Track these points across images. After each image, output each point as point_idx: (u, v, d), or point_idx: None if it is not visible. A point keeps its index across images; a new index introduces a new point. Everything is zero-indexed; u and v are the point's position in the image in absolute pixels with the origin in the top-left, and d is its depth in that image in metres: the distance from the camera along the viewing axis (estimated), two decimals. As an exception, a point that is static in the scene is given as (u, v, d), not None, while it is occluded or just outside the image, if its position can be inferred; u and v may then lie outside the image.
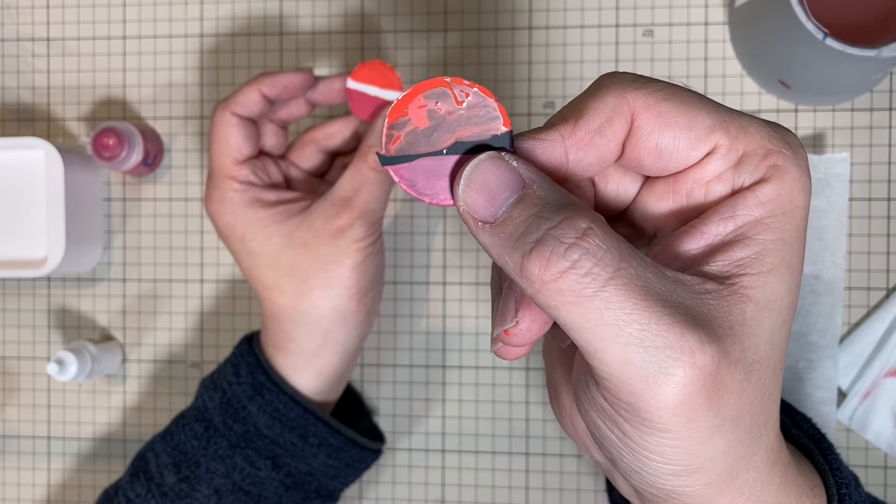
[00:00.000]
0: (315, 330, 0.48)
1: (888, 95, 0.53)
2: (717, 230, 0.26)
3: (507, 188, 0.25)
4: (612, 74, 0.27)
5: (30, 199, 0.55)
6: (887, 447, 0.52)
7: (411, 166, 0.26)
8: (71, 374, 0.54)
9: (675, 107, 0.26)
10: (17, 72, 0.60)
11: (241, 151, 0.48)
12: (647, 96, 0.26)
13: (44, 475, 0.60)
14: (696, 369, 0.23)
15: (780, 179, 0.26)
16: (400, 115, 0.25)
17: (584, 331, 0.23)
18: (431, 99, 0.25)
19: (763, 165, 0.26)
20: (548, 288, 0.23)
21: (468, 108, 0.25)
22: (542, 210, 0.24)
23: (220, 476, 0.48)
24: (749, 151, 0.26)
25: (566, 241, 0.23)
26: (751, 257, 0.25)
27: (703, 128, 0.26)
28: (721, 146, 0.26)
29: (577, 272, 0.23)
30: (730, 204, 0.26)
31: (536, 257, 0.23)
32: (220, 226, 0.49)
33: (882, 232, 0.53)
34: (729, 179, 0.26)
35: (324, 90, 0.50)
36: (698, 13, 0.54)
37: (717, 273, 0.25)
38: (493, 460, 0.56)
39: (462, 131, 0.26)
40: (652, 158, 0.27)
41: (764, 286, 0.25)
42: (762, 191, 0.26)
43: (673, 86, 0.27)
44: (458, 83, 0.25)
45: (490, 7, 0.56)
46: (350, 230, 0.47)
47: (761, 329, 0.25)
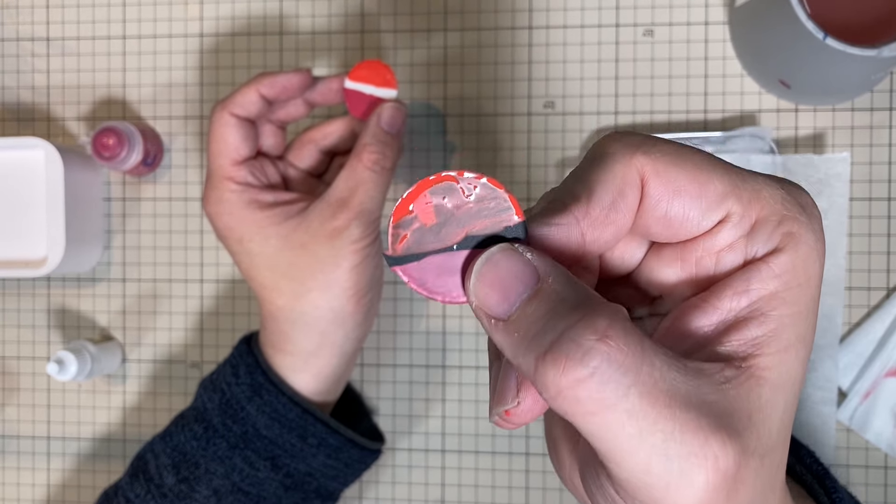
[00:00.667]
0: (313, 331, 0.48)
1: (888, 95, 0.52)
2: (730, 305, 0.25)
3: (521, 283, 0.23)
4: (616, 137, 0.26)
5: (30, 198, 0.55)
6: (887, 447, 0.52)
7: (420, 265, 0.24)
8: (71, 374, 0.54)
9: (685, 173, 0.25)
10: (16, 71, 0.60)
11: (238, 152, 0.48)
12: (655, 162, 0.25)
13: (43, 475, 0.60)
14: (719, 473, 0.22)
15: (794, 249, 0.25)
16: (405, 213, 0.24)
17: (604, 440, 0.22)
18: (438, 194, 0.24)
19: (777, 233, 0.25)
20: (564, 396, 0.22)
21: (477, 202, 0.24)
22: (558, 306, 0.23)
23: (220, 477, 0.48)
24: (762, 218, 0.25)
25: (584, 344, 0.22)
26: (767, 335, 0.24)
27: (715, 195, 0.25)
28: (733, 214, 0.25)
29: (596, 379, 0.21)
30: (743, 277, 0.25)
31: (552, 362, 0.22)
32: (219, 227, 0.49)
33: (882, 232, 0.53)
34: (741, 249, 0.25)
35: (322, 90, 0.50)
36: (698, 13, 0.54)
37: (732, 354, 0.24)
38: (493, 460, 0.56)
39: (472, 225, 0.24)
40: (661, 227, 0.25)
41: (780, 366, 0.24)
42: (777, 262, 0.24)
43: (681, 147, 0.25)
44: (465, 174, 0.24)
45: (490, 6, 0.56)
46: (346, 231, 0.47)
47: (776, 411, 0.24)
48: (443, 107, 0.56)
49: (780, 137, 0.53)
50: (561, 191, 0.25)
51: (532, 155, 0.55)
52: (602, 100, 0.55)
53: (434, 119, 0.56)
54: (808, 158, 0.52)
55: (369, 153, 0.47)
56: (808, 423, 0.53)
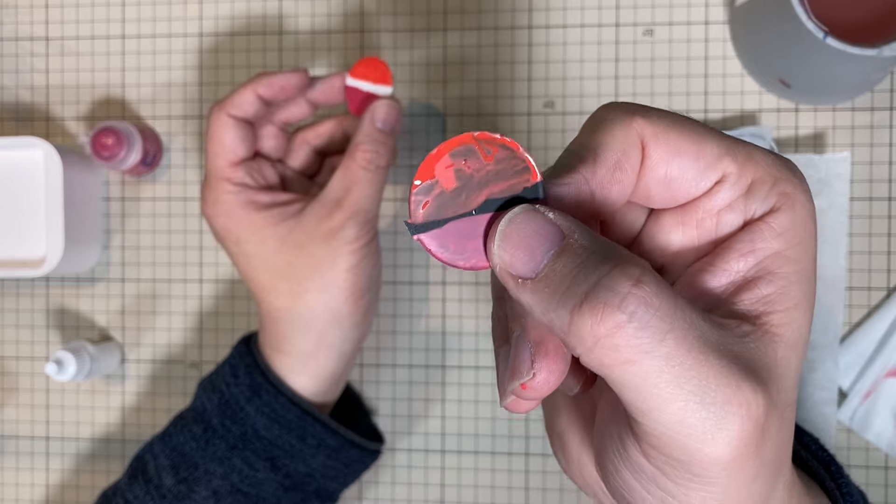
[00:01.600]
0: (311, 332, 0.48)
1: (889, 95, 0.52)
2: (737, 266, 0.25)
3: (547, 240, 0.23)
4: (612, 106, 0.26)
5: (28, 198, 0.55)
6: (888, 447, 0.52)
7: (441, 231, 0.24)
8: (70, 375, 0.54)
9: (682, 135, 0.25)
10: (15, 71, 0.60)
11: (236, 153, 0.48)
12: (653, 125, 0.25)
13: (42, 475, 0.60)
14: (751, 421, 0.22)
15: (791, 208, 0.25)
16: (427, 176, 0.24)
17: (639, 390, 0.22)
18: (458, 157, 0.24)
19: (773, 193, 0.25)
20: (602, 345, 0.22)
21: (496, 163, 0.24)
22: (588, 260, 0.23)
23: (219, 477, 0.48)
24: (757, 179, 0.25)
25: (620, 291, 0.22)
26: (777, 293, 0.25)
27: (711, 156, 0.25)
28: (730, 174, 0.25)
29: (634, 325, 0.22)
30: (747, 238, 0.25)
31: (589, 311, 0.22)
32: (216, 228, 0.49)
33: (883, 231, 0.52)
34: (740, 209, 0.26)
35: (324, 89, 0.50)
36: (699, 12, 0.54)
37: (746, 312, 0.25)
38: (493, 460, 0.56)
39: (492, 187, 0.24)
40: (660, 189, 0.26)
41: (791, 323, 0.25)
42: (776, 221, 0.25)
43: (675, 114, 0.26)
44: (484, 138, 0.24)
45: (490, 6, 0.56)
46: (342, 231, 0.46)
47: (790, 368, 0.24)
48: (443, 107, 0.56)
49: (780, 137, 0.53)
50: (567, 155, 0.26)
51: (532, 155, 0.55)
52: (602, 99, 0.54)
53: (434, 119, 0.56)
54: (808, 158, 0.52)
55: (363, 152, 0.47)
56: (809, 423, 0.52)
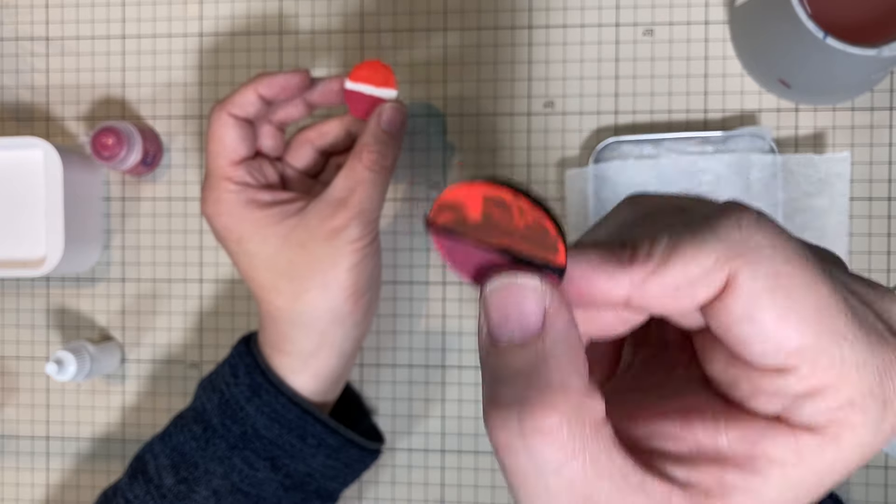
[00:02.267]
0: (311, 331, 0.48)
1: (888, 95, 0.52)
2: (731, 444, 0.22)
3: (522, 325, 0.22)
4: (736, 218, 0.22)
5: (29, 198, 0.55)
6: (888, 447, 0.52)
7: (454, 242, 0.24)
8: (70, 374, 0.54)
9: (774, 307, 0.21)
10: (16, 71, 0.60)
11: (237, 152, 0.48)
12: (752, 277, 0.21)
13: (43, 475, 0.60)
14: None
15: (836, 440, 0.21)
16: (455, 199, 0.23)
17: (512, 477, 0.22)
18: (490, 203, 0.23)
19: (832, 414, 0.21)
20: (493, 442, 0.22)
21: (526, 229, 0.23)
22: (533, 373, 0.21)
23: (219, 477, 0.48)
24: (825, 388, 0.21)
25: (525, 425, 0.21)
26: (744, 489, 0.22)
27: (791, 347, 0.21)
28: (798, 371, 0.21)
29: (522, 457, 0.21)
30: (761, 428, 0.22)
31: (495, 416, 0.22)
32: (217, 227, 0.48)
33: (883, 231, 0.52)
34: (783, 403, 0.22)
35: (322, 91, 0.50)
36: (698, 12, 0.54)
37: (696, 483, 0.22)
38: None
39: (514, 242, 0.23)
40: (716, 330, 0.22)
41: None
42: (805, 443, 0.21)
43: (792, 270, 0.21)
44: (523, 203, 0.22)
45: (490, 6, 0.56)
46: (345, 231, 0.46)
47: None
48: (443, 107, 0.56)
49: (780, 137, 0.53)
50: (634, 230, 0.23)
51: (532, 155, 0.55)
52: (602, 99, 0.55)
53: (434, 119, 0.56)
54: (808, 158, 0.52)
55: (369, 153, 0.47)
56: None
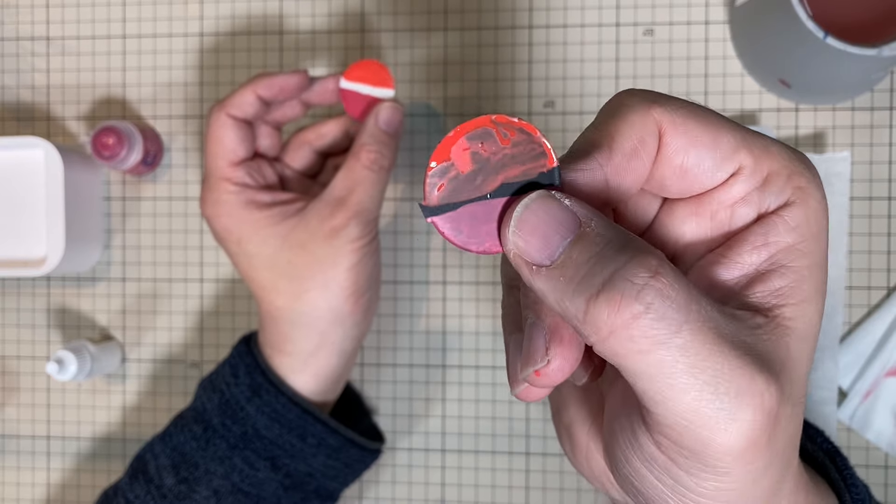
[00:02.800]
0: (312, 331, 0.48)
1: (889, 94, 0.52)
2: (750, 259, 0.25)
3: (563, 227, 0.23)
4: (630, 92, 0.26)
5: (29, 198, 0.55)
6: (888, 447, 0.52)
7: (455, 215, 0.24)
8: (70, 374, 0.54)
9: (700, 125, 0.25)
10: (16, 71, 0.60)
11: (236, 153, 0.48)
12: (672, 114, 0.25)
13: (43, 475, 0.60)
14: (764, 412, 0.23)
15: (805, 202, 0.25)
16: (443, 158, 0.24)
17: (653, 380, 0.22)
18: (475, 140, 0.24)
19: (788, 187, 0.25)
20: (617, 335, 0.22)
21: (513, 147, 0.24)
22: (605, 249, 0.23)
23: (219, 477, 0.48)
24: (773, 172, 0.25)
25: (638, 282, 0.22)
26: (789, 286, 0.25)
27: (728, 147, 0.25)
28: (746, 166, 0.25)
29: (651, 316, 0.22)
30: (760, 231, 0.25)
31: (605, 301, 0.22)
32: (217, 229, 0.49)
33: (883, 231, 0.52)
34: (755, 202, 0.26)
35: (318, 91, 0.50)
36: (699, 12, 0.54)
37: (759, 305, 0.25)
38: (493, 460, 0.56)
39: (507, 171, 0.24)
40: (676, 179, 0.26)
41: (803, 316, 0.25)
42: (790, 215, 0.25)
43: (693, 104, 0.26)
44: (502, 121, 0.24)
45: (490, 6, 0.56)
46: (345, 230, 0.47)
47: (802, 362, 0.25)
48: (443, 106, 0.56)
49: (780, 137, 0.53)
50: (582, 140, 0.26)
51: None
52: (602, 99, 0.55)
53: (434, 119, 0.56)
54: (808, 158, 0.52)
55: (367, 153, 0.47)
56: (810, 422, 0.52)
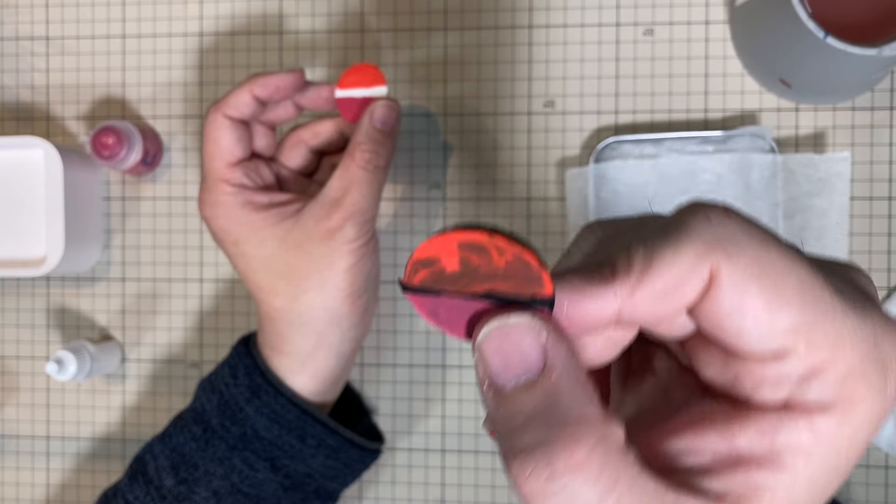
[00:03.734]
0: (309, 332, 0.48)
1: (889, 94, 0.52)
2: (749, 444, 0.22)
3: (524, 365, 0.22)
4: (704, 214, 0.22)
5: (29, 198, 0.55)
6: (888, 447, 0.52)
7: (434, 300, 0.23)
8: (70, 374, 0.54)
9: (761, 292, 0.21)
10: (16, 71, 0.60)
11: (233, 154, 0.48)
12: (733, 267, 0.21)
13: (43, 475, 0.60)
14: None
15: (848, 413, 0.21)
16: (430, 254, 0.23)
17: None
18: (467, 250, 0.23)
19: (837, 389, 0.21)
20: (523, 495, 0.21)
21: (507, 267, 0.22)
22: (550, 410, 0.21)
23: (219, 478, 0.48)
24: (827, 365, 0.21)
25: (557, 465, 0.20)
26: (775, 488, 0.21)
27: (786, 326, 0.21)
28: (795, 354, 0.21)
29: (559, 501, 0.20)
30: (774, 420, 0.22)
31: (520, 465, 0.21)
32: (214, 230, 0.49)
33: (883, 231, 0.52)
34: (788, 388, 0.21)
35: (312, 97, 0.50)
36: (699, 12, 0.54)
37: (727, 493, 0.22)
38: (493, 460, 0.56)
39: (497, 283, 0.23)
40: (708, 330, 0.22)
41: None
42: (823, 424, 0.21)
43: (769, 255, 0.21)
44: (501, 244, 0.22)
45: (490, 5, 0.55)
46: (341, 231, 0.46)
47: None
48: (443, 106, 0.56)
49: (780, 137, 0.53)
50: (601, 247, 0.23)
51: (532, 154, 0.55)
52: (602, 99, 0.54)
53: (434, 119, 0.56)
54: (808, 158, 0.52)
55: (362, 152, 0.47)
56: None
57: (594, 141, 0.54)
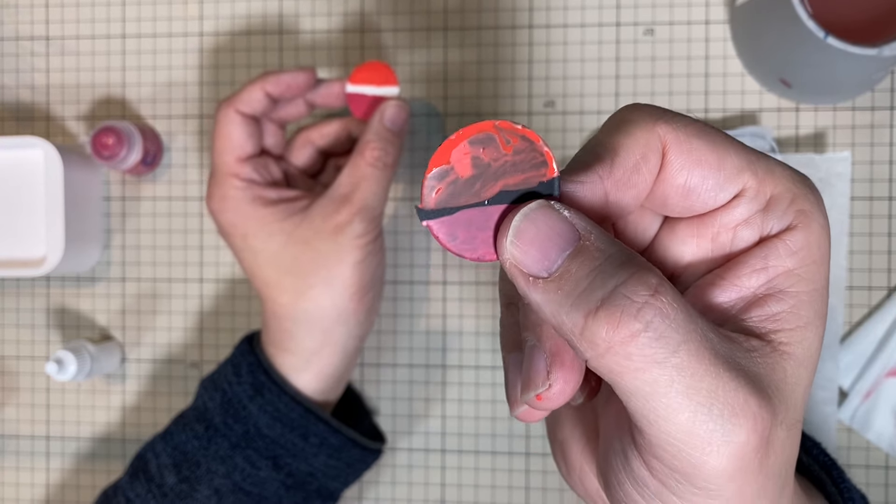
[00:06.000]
0: (315, 328, 0.48)
1: (889, 94, 0.52)
2: (749, 283, 0.25)
3: (562, 239, 0.23)
4: (636, 107, 0.26)
5: (29, 198, 0.55)
6: (888, 447, 0.52)
7: (452, 219, 0.24)
8: (70, 374, 0.54)
9: (705, 144, 0.25)
10: (16, 71, 0.60)
11: (243, 149, 0.49)
12: (677, 131, 0.25)
13: (43, 475, 0.60)
14: (756, 434, 0.22)
15: (808, 226, 0.25)
16: (443, 162, 0.24)
17: (648, 398, 0.22)
18: (477, 145, 0.24)
19: (791, 210, 0.25)
20: (614, 352, 0.22)
21: (514, 154, 0.24)
22: (605, 264, 0.22)
23: (221, 476, 0.48)
24: (777, 195, 0.25)
25: (637, 299, 0.22)
26: (787, 311, 0.24)
27: (732, 168, 0.25)
28: (749, 188, 0.25)
29: (649, 335, 0.21)
30: (760, 254, 0.25)
31: (605, 318, 0.22)
32: (222, 224, 0.49)
33: (883, 231, 0.52)
34: (757, 224, 0.25)
35: (324, 93, 0.51)
36: (699, 11, 0.54)
37: (756, 329, 0.24)
38: (493, 460, 0.56)
39: (507, 179, 0.24)
40: (678, 198, 0.25)
41: (802, 342, 0.24)
42: (792, 239, 0.25)
43: (699, 121, 0.25)
44: (505, 127, 0.24)
45: (490, 5, 0.56)
46: (349, 226, 0.47)
47: (799, 386, 0.24)
48: (443, 106, 0.56)
49: (780, 136, 0.53)
50: (584, 152, 0.25)
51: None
52: (602, 99, 0.55)
53: (434, 119, 0.56)
54: (809, 158, 0.52)
55: (371, 150, 0.48)
56: (809, 422, 0.52)
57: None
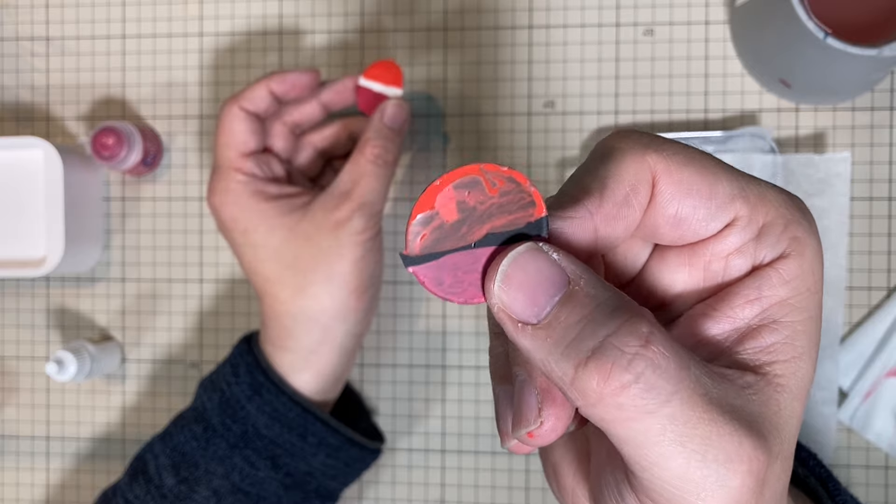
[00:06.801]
0: (314, 326, 0.48)
1: (889, 94, 0.52)
2: (743, 314, 0.25)
3: (550, 284, 0.23)
4: (625, 135, 0.25)
5: (29, 198, 0.55)
6: (888, 447, 0.52)
7: (437, 264, 0.23)
8: (70, 374, 0.54)
9: (696, 173, 0.24)
10: (16, 71, 0.60)
11: (246, 144, 0.49)
12: (667, 161, 0.24)
13: (43, 475, 0.60)
14: (752, 476, 0.22)
15: (801, 254, 0.24)
16: (427, 207, 0.23)
17: (640, 447, 0.22)
18: (462, 189, 0.23)
19: (784, 238, 0.24)
20: (605, 403, 0.21)
21: (501, 196, 0.23)
22: (595, 311, 0.22)
23: (220, 477, 0.48)
24: (769, 222, 0.24)
25: (628, 350, 0.21)
26: (782, 342, 0.24)
27: (724, 196, 0.24)
28: (741, 217, 0.24)
29: (641, 386, 0.21)
30: (754, 284, 0.24)
31: (595, 369, 0.21)
32: (223, 218, 0.49)
33: (883, 231, 0.52)
34: (750, 253, 0.25)
35: (337, 89, 0.52)
36: (699, 12, 0.54)
37: (749, 362, 0.24)
38: (493, 460, 0.56)
39: (494, 221, 0.23)
40: (669, 228, 0.25)
41: (796, 373, 0.24)
42: (785, 268, 0.24)
43: (690, 148, 0.25)
44: (490, 169, 0.23)
45: (490, 5, 0.56)
46: (349, 222, 0.47)
47: (792, 419, 0.24)
48: (443, 107, 0.56)
49: (780, 137, 0.53)
50: (571, 183, 0.25)
51: (532, 154, 0.55)
52: (602, 99, 0.55)
53: (434, 119, 0.56)
54: (808, 158, 0.52)
55: (372, 147, 0.48)
56: (809, 423, 0.52)
57: (594, 141, 0.54)
